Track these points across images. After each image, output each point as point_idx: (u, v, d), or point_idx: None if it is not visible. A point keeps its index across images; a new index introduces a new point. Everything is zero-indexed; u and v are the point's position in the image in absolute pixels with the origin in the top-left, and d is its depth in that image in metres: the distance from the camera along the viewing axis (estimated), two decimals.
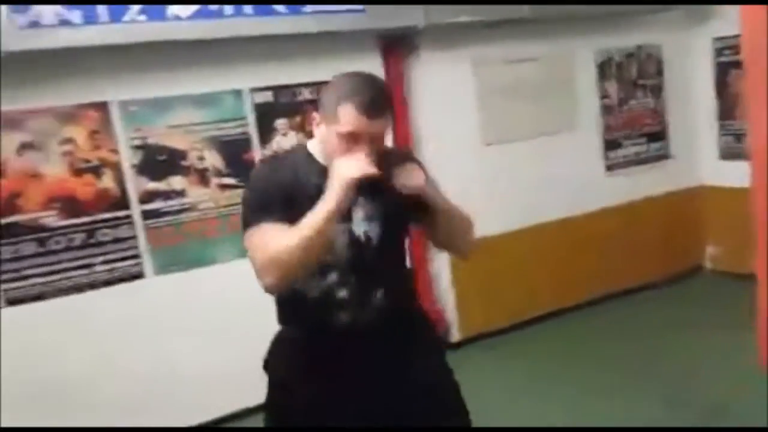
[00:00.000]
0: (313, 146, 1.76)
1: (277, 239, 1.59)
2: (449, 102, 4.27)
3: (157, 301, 3.58)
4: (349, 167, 1.59)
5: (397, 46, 4.04)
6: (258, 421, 1.94)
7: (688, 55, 5.18)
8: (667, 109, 5.20)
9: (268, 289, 1.65)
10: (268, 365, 1.87)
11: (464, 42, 4.22)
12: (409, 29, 3.82)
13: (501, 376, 3.98)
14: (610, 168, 5.00)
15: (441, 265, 4.38)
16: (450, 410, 1.86)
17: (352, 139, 1.62)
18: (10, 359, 3.21)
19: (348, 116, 1.60)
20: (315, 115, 1.72)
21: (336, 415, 1.73)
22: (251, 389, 3.62)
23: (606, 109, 4.95)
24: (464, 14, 3.86)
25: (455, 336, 4.44)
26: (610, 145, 4.99)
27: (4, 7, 2.78)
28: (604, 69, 4.90)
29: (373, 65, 3.93)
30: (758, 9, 2.41)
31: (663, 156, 5.22)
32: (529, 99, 4.49)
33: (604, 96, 4.93)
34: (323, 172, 1.64)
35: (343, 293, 1.75)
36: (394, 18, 3.68)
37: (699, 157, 5.30)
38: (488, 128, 4.41)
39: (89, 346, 3.42)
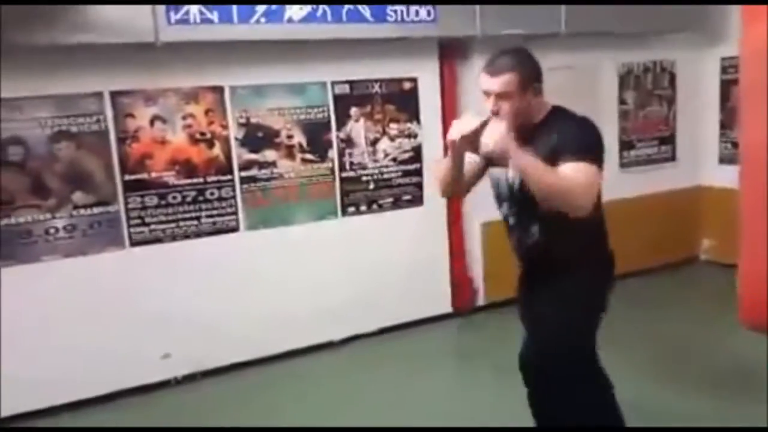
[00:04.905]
0: None
1: None
2: None
3: (246, 251, 4.32)
4: (453, 130, 2.11)
5: (453, 51, 4.76)
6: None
7: (699, 72, 5.89)
8: (677, 117, 5.93)
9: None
10: None
11: None
12: (468, 38, 4.54)
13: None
14: (624, 165, 5.74)
15: (474, 237, 5.12)
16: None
17: (486, 96, 2.16)
18: (130, 291, 3.98)
19: (480, 77, 2.19)
20: None
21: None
22: (310, 329, 4.39)
23: (623, 114, 5.69)
24: (513, 27, 4.59)
25: (482, 300, 5.20)
26: (625, 145, 5.73)
27: (161, 6, 3.49)
28: (624, 79, 5.64)
29: (433, 67, 4.67)
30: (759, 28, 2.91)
31: (670, 158, 5.96)
32: (560, 102, 5.18)
33: (622, 102, 5.66)
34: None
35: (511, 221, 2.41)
36: (457, 28, 4.41)
37: (701, 160, 6.04)
38: None
39: (192, 282, 4.16)
